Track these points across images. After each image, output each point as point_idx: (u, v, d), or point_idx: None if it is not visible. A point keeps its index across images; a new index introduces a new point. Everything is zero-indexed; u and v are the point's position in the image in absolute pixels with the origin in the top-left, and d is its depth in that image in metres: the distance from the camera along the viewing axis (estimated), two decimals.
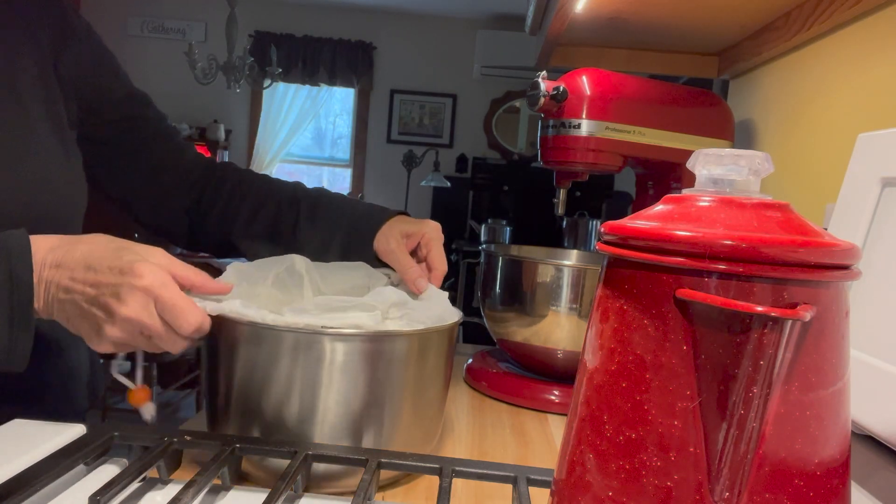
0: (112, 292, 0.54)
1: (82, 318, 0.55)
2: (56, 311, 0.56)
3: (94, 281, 0.54)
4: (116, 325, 0.54)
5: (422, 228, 0.76)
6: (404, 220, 0.78)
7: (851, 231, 0.59)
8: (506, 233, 3.96)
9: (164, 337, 0.55)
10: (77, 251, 0.56)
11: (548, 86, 0.92)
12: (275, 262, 0.71)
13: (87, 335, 0.56)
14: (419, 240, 0.76)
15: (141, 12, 4.55)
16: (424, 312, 0.64)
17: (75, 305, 0.55)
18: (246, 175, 0.87)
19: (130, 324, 0.54)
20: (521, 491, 0.49)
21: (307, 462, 0.53)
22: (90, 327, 0.55)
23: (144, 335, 0.55)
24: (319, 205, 0.82)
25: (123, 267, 0.54)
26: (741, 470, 0.31)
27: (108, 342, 0.55)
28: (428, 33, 4.70)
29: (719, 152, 0.35)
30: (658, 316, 0.33)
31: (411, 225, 0.77)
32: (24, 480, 0.46)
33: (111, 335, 0.54)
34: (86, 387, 0.81)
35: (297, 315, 0.57)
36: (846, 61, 0.87)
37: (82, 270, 0.55)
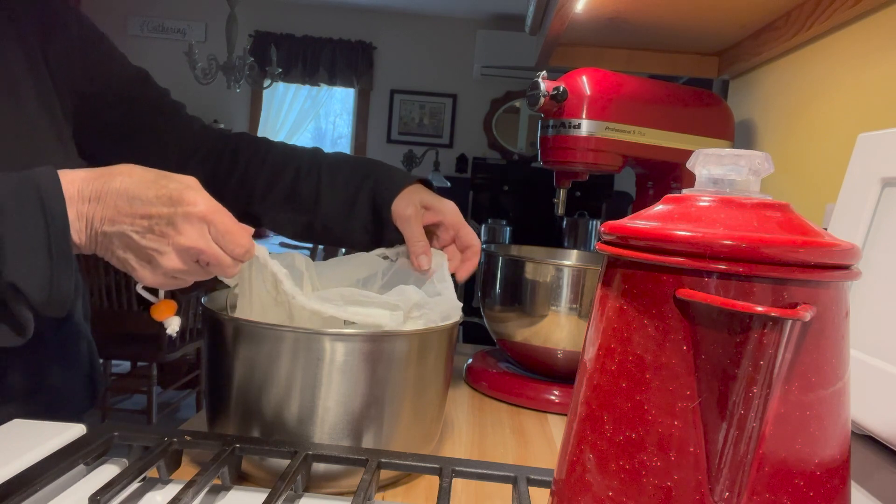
0: (168, 221, 0.53)
1: (132, 251, 0.55)
2: (99, 246, 0.55)
3: (144, 213, 0.54)
4: (175, 254, 0.54)
5: (443, 207, 0.75)
6: (425, 191, 0.77)
7: (851, 231, 0.59)
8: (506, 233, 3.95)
9: (221, 261, 0.55)
10: (115, 182, 0.54)
11: (548, 86, 0.92)
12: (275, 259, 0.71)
13: (137, 267, 0.55)
14: (440, 219, 0.75)
15: (141, 12, 4.55)
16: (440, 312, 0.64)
17: (124, 238, 0.54)
18: (262, 143, 0.85)
19: (189, 252, 0.54)
20: (521, 491, 0.49)
21: (307, 462, 0.53)
22: (141, 260, 0.55)
23: (201, 262, 0.55)
24: (341, 166, 0.81)
25: (173, 195, 0.54)
26: (741, 470, 0.31)
27: (161, 274, 0.55)
28: (428, 33, 4.70)
29: (719, 152, 0.35)
30: (658, 316, 0.33)
31: (432, 199, 0.76)
32: (24, 480, 0.46)
33: (168, 265, 0.54)
34: (87, 386, 0.81)
35: (322, 303, 0.58)
36: (846, 61, 0.87)
37: (127, 202, 0.54)
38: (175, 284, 0.57)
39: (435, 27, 4.70)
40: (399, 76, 4.74)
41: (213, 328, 0.60)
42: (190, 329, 2.81)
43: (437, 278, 0.71)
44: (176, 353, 2.70)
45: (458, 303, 0.67)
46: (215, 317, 0.60)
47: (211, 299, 0.67)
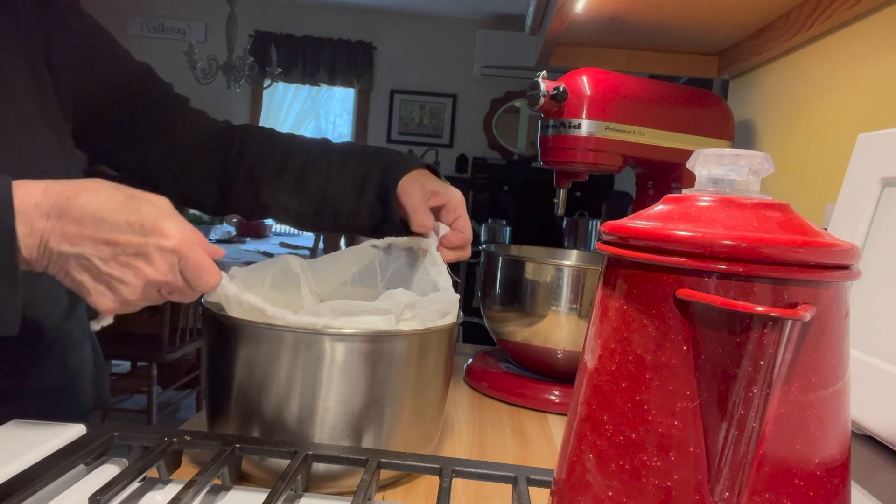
0: (137, 252, 0.51)
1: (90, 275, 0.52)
2: (52, 265, 0.52)
3: (111, 239, 0.51)
4: (139, 286, 0.52)
5: (448, 193, 0.76)
6: (431, 176, 0.78)
7: (851, 231, 0.59)
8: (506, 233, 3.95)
9: (183, 292, 0.54)
10: (81, 200, 0.51)
11: (548, 86, 0.92)
12: (270, 264, 0.71)
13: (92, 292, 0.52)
14: (443, 203, 0.76)
15: (141, 12, 4.55)
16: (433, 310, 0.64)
17: (83, 261, 0.51)
18: (269, 133, 0.85)
19: (154, 285, 0.52)
20: (521, 491, 0.49)
21: (307, 462, 0.53)
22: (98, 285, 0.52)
23: (163, 292, 0.54)
24: (350, 153, 0.82)
25: (145, 223, 0.51)
26: (741, 470, 0.31)
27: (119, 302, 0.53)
28: (428, 33, 4.70)
29: (719, 152, 0.35)
30: (658, 316, 0.33)
31: (438, 184, 0.77)
32: (24, 480, 0.46)
33: (128, 296, 0.52)
34: (90, 387, 0.81)
35: (315, 317, 0.57)
36: (846, 61, 0.87)
37: (92, 224, 0.51)
38: (125, 310, 0.55)
39: (435, 27, 4.70)
40: (399, 76, 4.74)
41: (213, 328, 0.60)
42: (190, 329, 2.81)
43: (429, 261, 0.71)
44: (176, 353, 2.70)
45: (454, 296, 0.67)
46: (215, 317, 0.60)
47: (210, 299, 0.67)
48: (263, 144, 0.83)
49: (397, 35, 4.70)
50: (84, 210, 0.51)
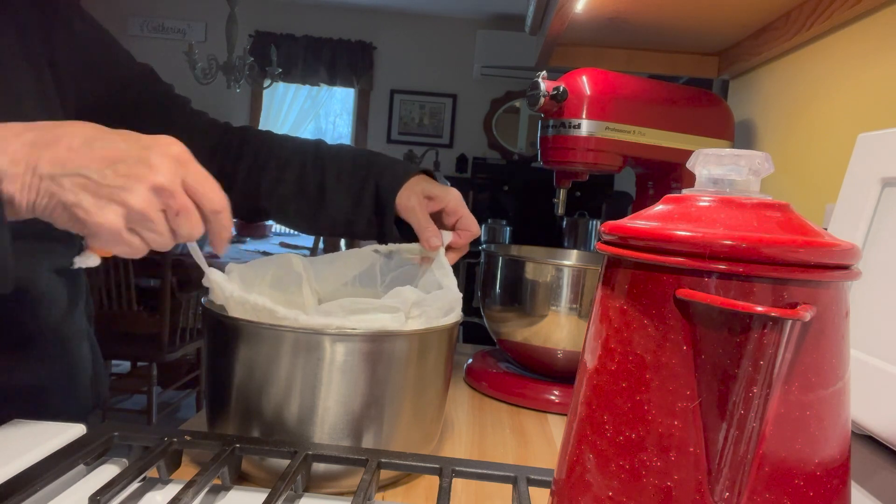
0: (138, 160, 0.47)
1: (89, 192, 0.47)
2: (41, 195, 0.47)
3: (107, 154, 0.47)
4: (144, 192, 0.47)
5: (446, 195, 0.76)
6: (427, 180, 0.78)
7: (851, 231, 0.59)
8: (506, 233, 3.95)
9: (190, 213, 0.49)
10: (69, 128, 0.48)
11: (548, 86, 0.92)
12: (271, 261, 0.71)
13: (92, 209, 0.47)
14: (442, 206, 0.76)
15: (141, 12, 4.55)
16: (437, 307, 0.64)
17: (79, 179, 0.46)
18: (266, 136, 0.85)
19: (161, 193, 0.47)
20: (521, 491, 0.49)
21: (307, 462, 0.53)
22: (99, 199, 0.47)
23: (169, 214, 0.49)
24: (344, 160, 0.82)
25: (142, 139, 0.48)
26: (741, 470, 0.31)
27: (123, 216, 0.47)
28: (428, 33, 4.70)
29: (719, 152, 0.35)
30: (658, 316, 0.33)
31: (435, 188, 0.77)
32: (24, 480, 0.46)
33: (134, 204, 0.47)
34: (90, 387, 0.81)
35: (325, 317, 0.57)
36: (846, 61, 0.87)
37: (85, 144, 0.47)
38: (128, 247, 0.49)
39: (435, 27, 4.70)
40: (399, 76, 4.74)
41: (213, 328, 0.60)
42: (190, 329, 2.81)
43: (436, 265, 0.72)
44: (176, 353, 2.70)
45: (458, 293, 0.67)
46: (215, 317, 0.60)
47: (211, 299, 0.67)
48: (261, 149, 0.83)
49: (397, 35, 4.70)
50: (74, 136, 0.48)
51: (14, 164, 0.46)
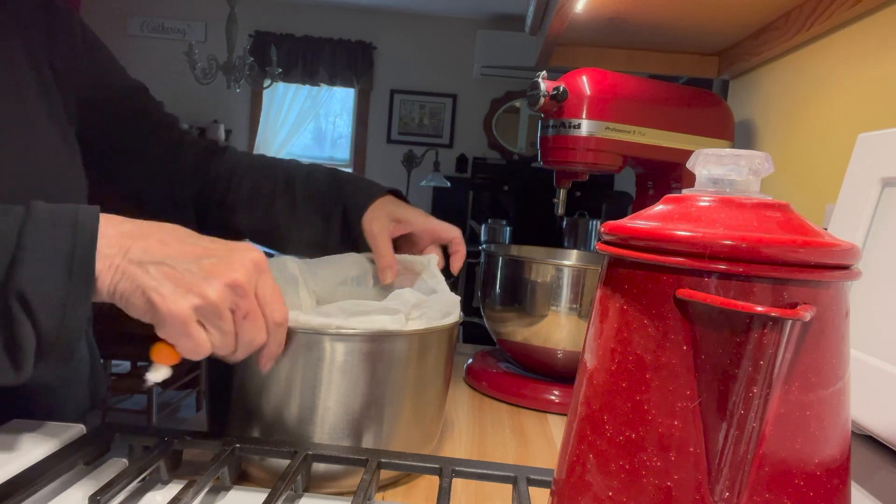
0: (220, 257, 0.50)
1: (169, 280, 0.49)
2: (125, 279, 0.49)
3: (193, 250, 0.50)
4: (220, 286, 0.49)
5: (409, 217, 0.77)
6: (395, 202, 0.79)
7: (851, 231, 0.59)
8: (506, 233, 3.96)
9: (255, 318, 0.51)
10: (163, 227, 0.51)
11: (548, 86, 0.92)
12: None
13: (167, 294, 0.49)
14: (409, 230, 0.77)
15: (141, 12, 4.55)
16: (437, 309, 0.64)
17: (163, 267, 0.49)
18: (241, 158, 0.87)
19: (235, 291, 0.49)
20: (521, 491, 0.49)
21: (307, 462, 0.53)
22: (177, 287, 0.49)
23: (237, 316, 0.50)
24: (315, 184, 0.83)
25: (228, 242, 0.52)
26: (741, 470, 0.31)
27: (194, 306, 0.49)
28: (428, 33, 4.70)
29: (719, 152, 0.35)
30: (658, 316, 0.33)
31: (399, 210, 0.77)
32: (24, 480, 0.46)
33: (209, 294, 0.48)
34: (87, 387, 0.81)
35: (325, 317, 0.57)
36: (846, 61, 0.87)
37: (176, 241, 0.50)
38: (193, 341, 0.50)
39: (435, 27, 4.70)
40: (399, 76, 4.74)
41: None
42: None
43: (427, 276, 0.72)
44: None
45: (455, 297, 0.67)
46: None
47: None
48: (234, 173, 0.85)
49: (397, 35, 4.70)
50: (167, 232, 0.51)
51: (108, 246, 0.49)
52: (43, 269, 0.47)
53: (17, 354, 0.47)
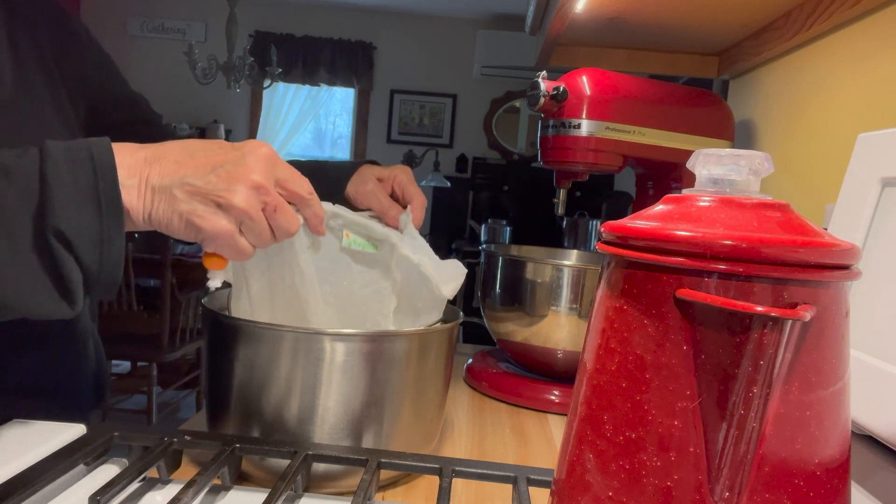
0: (235, 163, 0.52)
1: (198, 199, 0.51)
2: (157, 206, 0.52)
3: (206, 161, 0.52)
4: (245, 191, 0.51)
5: (392, 171, 0.79)
6: (373, 167, 0.81)
7: (851, 231, 0.59)
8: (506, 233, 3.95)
9: (283, 209, 0.54)
10: (172, 145, 0.53)
11: (548, 86, 0.92)
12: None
13: (206, 215, 0.51)
14: (391, 183, 0.78)
15: (141, 12, 4.55)
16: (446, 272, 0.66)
17: (186, 186, 0.51)
18: None
19: (259, 192, 0.52)
20: (521, 491, 0.49)
21: (307, 462, 0.53)
22: (208, 206, 0.51)
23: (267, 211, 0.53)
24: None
25: (235, 145, 0.54)
26: (741, 470, 0.31)
27: (234, 217, 0.52)
28: (428, 33, 4.70)
29: (719, 152, 0.35)
30: (658, 316, 0.33)
31: (382, 170, 0.80)
32: (24, 480, 0.46)
33: (240, 203, 0.51)
34: (94, 386, 0.82)
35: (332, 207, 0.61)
36: (846, 61, 0.87)
37: (188, 156, 0.52)
38: (239, 250, 0.54)
39: (435, 27, 4.69)
40: (399, 76, 4.74)
41: (213, 328, 0.60)
42: (190, 329, 2.81)
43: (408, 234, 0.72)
44: (176, 353, 2.70)
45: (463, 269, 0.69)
46: (215, 317, 0.60)
47: (211, 299, 0.67)
48: None
49: (397, 35, 4.70)
50: (177, 150, 0.53)
51: (130, 176, 0.51)
52: (73, 206, 0.48)
53: (68, 290, 0.49)
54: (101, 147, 0.50)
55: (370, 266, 0.68)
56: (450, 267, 0.68)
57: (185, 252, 3.02)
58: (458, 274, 0.68)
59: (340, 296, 0.67)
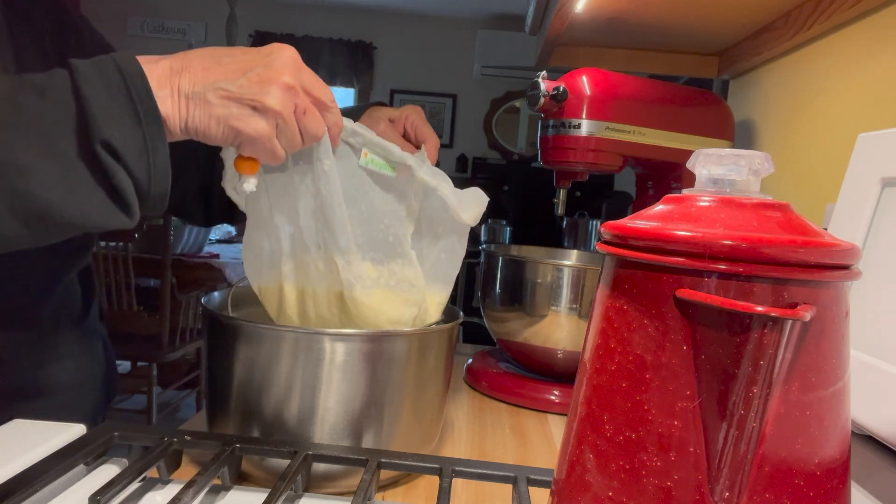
0: (264, 66, 0.52)
1: (234, 102, 0.52)
2: (192, 113, 0.52)
3: (235, 67, 0.52)
4: (278, 93, 0.52)
5: (404, 111, 0.77)
6: (384, 108, 0.80)
7: (851, 231, 0.59)
8: (506, 233, 3.95)
9: (312, 111, 0.55)
10: (195, 52, 0.53)
11: (548, 86, 0.92)
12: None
13: (242, 116, 0.52)
14: (404, 123, 0.77)
15: (141, 12, 4.55)
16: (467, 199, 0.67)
17: (219, 91, 0.51)
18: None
19: (290, 92, 0.53)
20: (521, 491, 0.49)
21: (307, 462, 0.53)
22: (244, 108, 0.52)
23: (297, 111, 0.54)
24: None
25: (261, 49, 0.54)
26: (741, 470, 0.31)
27: (272, 117, 0.53)
28: (428, 33, 4.70)
29: (719, 152, 0.35)
30: (658, 316, 0.33)
31: (392, 110, 0.78)
32: (24, 480, 0.46)
33: (274, 104, 0.52)
34: (103, 386, 0.82)
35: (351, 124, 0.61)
36: (846, 61, 0.87)
37: (214, 62, 0.52)
38: (273, 153, 0.55)
39: (435, 27, 4.69)
40: (399, 76, 4.74)
41: (213, 328, 0.60)
42: (190, 329, 2.81)
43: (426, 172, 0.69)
44: (176, 353, 2.70)
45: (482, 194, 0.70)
46: (215, 317, 0.60)
47: (211, 299, 0.67)
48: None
49: (397, 35, 4.70)
50: (202, 58, 0.53)
51: (161, 87, 0.51)
52: (114, 117, 0.48)
53: (123, 200, 0.50)
54: (127, 59, 0.50)
55: (387, 189, 0.67)
56: (471, 195, 0.68)
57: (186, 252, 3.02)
58: (480, 201, 0.67)
59: (362, 209, 0.66)
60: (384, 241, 0.65)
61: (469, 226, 0.67)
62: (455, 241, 0.67)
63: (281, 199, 0.62)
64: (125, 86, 0.49)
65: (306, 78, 0.55)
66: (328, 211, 0.61)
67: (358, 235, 0.64)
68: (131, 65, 0.50)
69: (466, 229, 0.67)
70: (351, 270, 0.61)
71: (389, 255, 0.65)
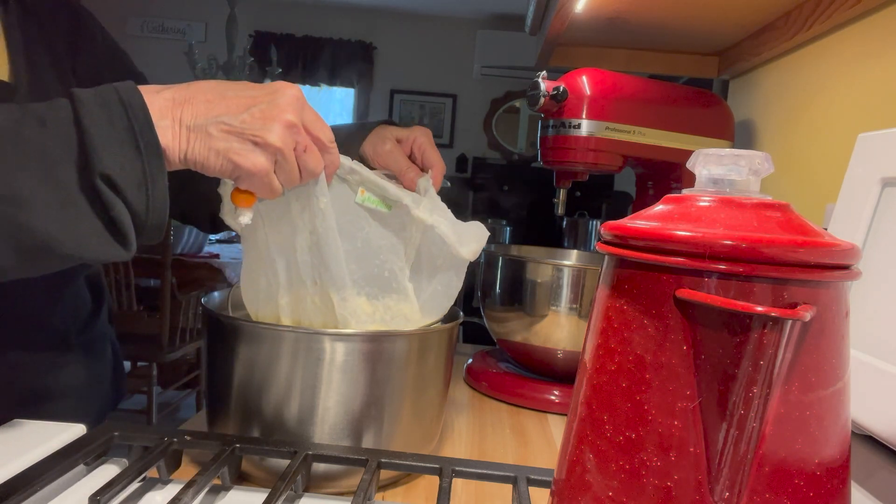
0: (267, 102, 0.53)
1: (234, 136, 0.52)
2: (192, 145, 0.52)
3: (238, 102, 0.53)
4: (278, 129, 0.52)
5: (412, 133, 0.77)
6: (392, 127, 0.79)
7: (851, 231, 0.59)
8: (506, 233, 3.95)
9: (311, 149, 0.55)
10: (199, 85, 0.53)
11: (548, 86, 0.92)
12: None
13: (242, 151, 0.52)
14: (411, 145, 0.77)
15: (141, 12, 4.55)
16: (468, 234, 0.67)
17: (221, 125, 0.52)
18: None
19: (291, 131, 0.53)
20: (521, 491, 0.49)
21: (307, 462, 0.53)
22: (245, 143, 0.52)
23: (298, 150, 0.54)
24: None
25: (265, 86, 0.54)
26: (741, 470, 0.31)
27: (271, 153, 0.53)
28: (428, 33, 4.70)
29: (719, 152, 0.35)
30: (658, 316, 0.33)
31: (401, 130, 0.78)
32: (24, 480, 0.46)
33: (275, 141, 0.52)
34: (112, 388, 0.82)
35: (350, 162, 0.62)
36: (846, 61, 0.87)
37: (218, 96, 0.53)
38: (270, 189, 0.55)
39: (435, 27, 4.69)
40: (399, 76, 4.74)
41: (213, 328, 0.60)
42: (190, 329, 2.81)
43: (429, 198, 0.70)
44: (176, 353, 2.70)
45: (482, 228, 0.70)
46: (215, 317, 0.60)
47: (211, 299, 0.67)
48: None
49: (397, 35, 4.70)
50: (206, 91, 0.53)
51: (162, 117, 0.51)
52: (114, 149, 0.48)
53: (121, 232, 0.50)
54: (129, 89, 0.50)
55: (384, 224, 0.67)
56: (471, 229, 0.68)
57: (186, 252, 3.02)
58: (480, 237, 0.68)
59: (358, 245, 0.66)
60: (380, 276, 0.66)
61: (468, 261, 0.67)
62: (452, 275, 0.68)
63: (278, 234, 0.63)
64: (126, 117, 0.49)
65: (308, 116, 0.55)
66: (324, 247, 0.61)
67: (353, 271, 0.64)
68: (133, 96, 0.50)
69: (465, 263, 0.67)
70: (346, 307, 0.62)
71: (385, 290, 0.65)
